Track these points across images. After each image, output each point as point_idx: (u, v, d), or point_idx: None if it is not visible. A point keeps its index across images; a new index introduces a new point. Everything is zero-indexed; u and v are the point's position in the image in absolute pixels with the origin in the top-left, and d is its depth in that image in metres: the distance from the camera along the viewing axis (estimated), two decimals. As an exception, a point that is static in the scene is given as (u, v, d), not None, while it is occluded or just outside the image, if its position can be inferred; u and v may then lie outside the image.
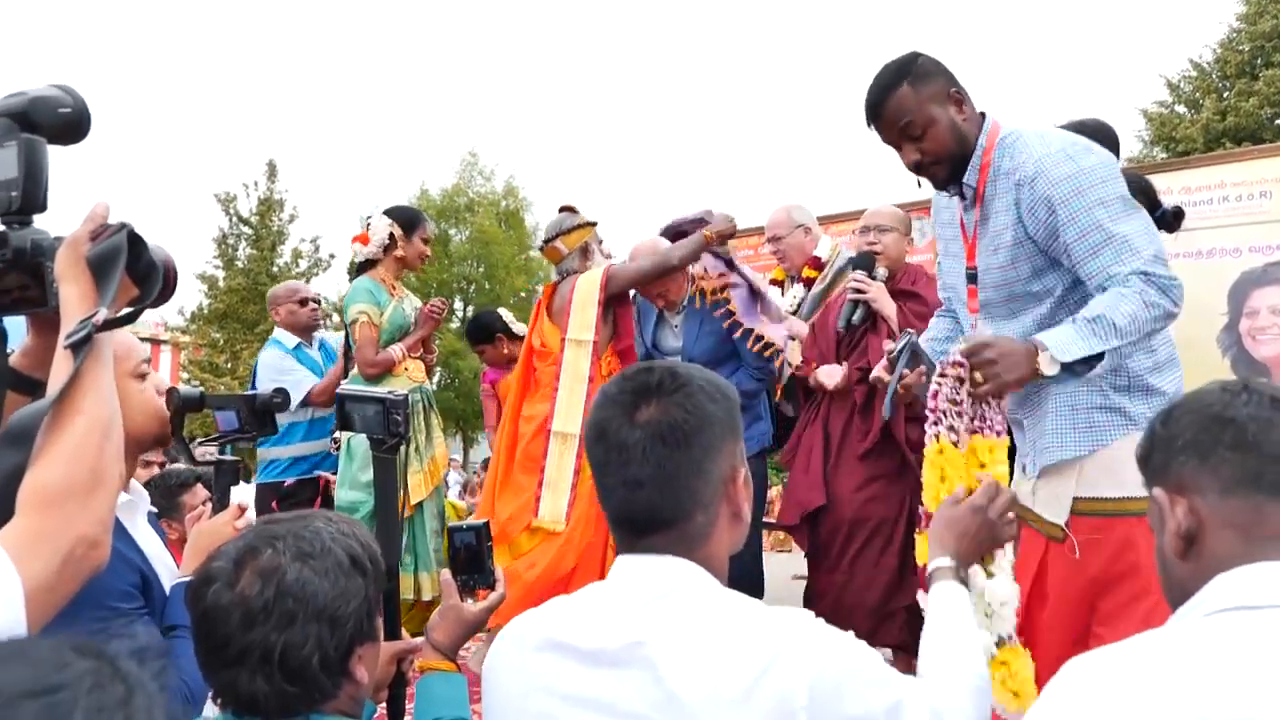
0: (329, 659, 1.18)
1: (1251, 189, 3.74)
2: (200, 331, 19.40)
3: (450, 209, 26.44)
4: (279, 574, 1.17)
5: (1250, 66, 17.07)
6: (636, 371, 1.22)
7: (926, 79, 2.10)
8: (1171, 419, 1.07)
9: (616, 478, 1.16)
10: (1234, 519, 1.00)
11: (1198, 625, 0.96)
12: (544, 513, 3.53)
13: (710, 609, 1.12)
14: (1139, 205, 2.03)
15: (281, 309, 4.38)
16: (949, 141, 2.09)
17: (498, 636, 1.27)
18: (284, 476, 4.12)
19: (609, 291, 3.64)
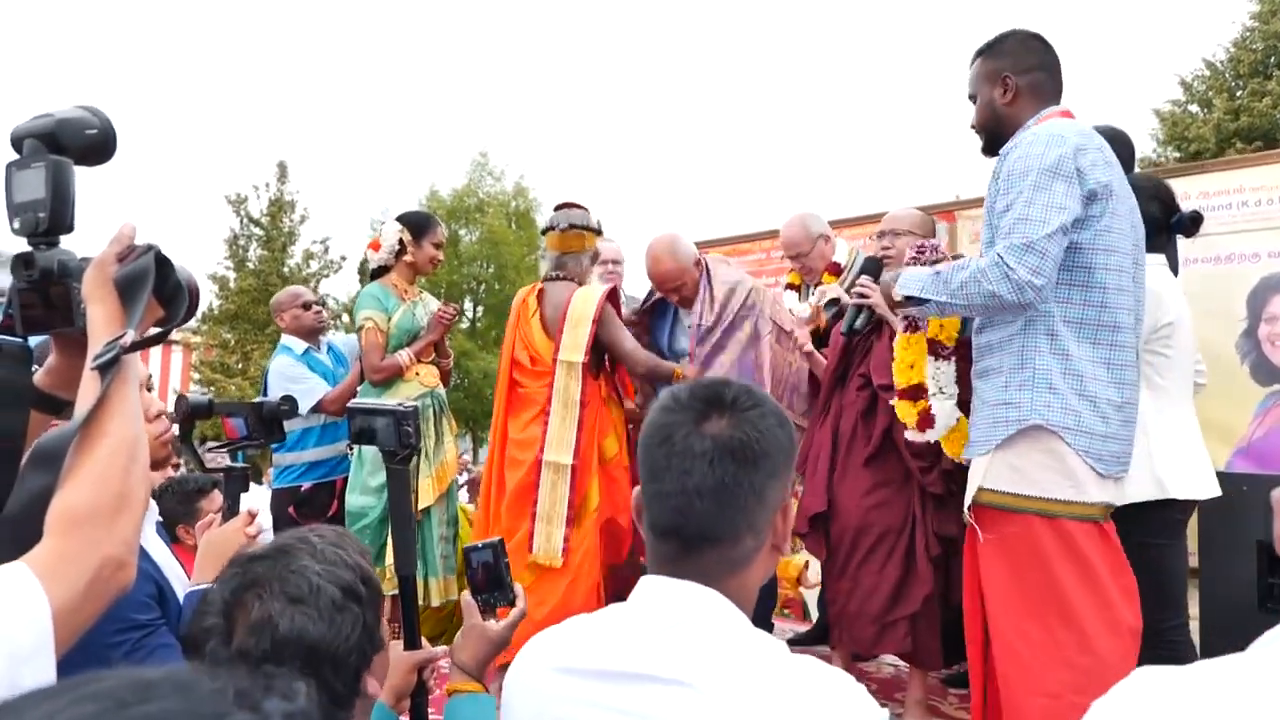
0: (337, 694, 1.18)
1: (1270, 193, 3.71)
2: (211, 332, 19.46)
3: (460, 209, 26.51)
4: (271, 626, 1.15)
5: (1263, 66, 16.95)
6: (710, 383, 1.19)
7: (996, 57, 2.36)
8: None
9: (676, 485, 1.12)
10: None
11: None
12: (538, 548, 3.38)
13: (743, 651, 1.08)
14: (1052, 186, 2.11)
15: (286, 314, 4.34)
16: (985, 116, 2.37)
17: (516, 658, 1.25)
18: (300, 481, 4.11)
19: (595, 327, 3.46)
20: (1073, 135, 2.16)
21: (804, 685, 1.03)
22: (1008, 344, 2.23)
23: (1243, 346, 3.70)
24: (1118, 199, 2.18)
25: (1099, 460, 2.14)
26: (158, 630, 1.72)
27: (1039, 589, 2.14)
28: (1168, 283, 2.67)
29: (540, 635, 1.24)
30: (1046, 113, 2.28)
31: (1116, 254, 2.17)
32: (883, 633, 3.16)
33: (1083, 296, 2.16)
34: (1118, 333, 2.17)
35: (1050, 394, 2.15)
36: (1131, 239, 2.23)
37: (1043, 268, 2.07)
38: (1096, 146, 2.18)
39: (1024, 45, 2.34)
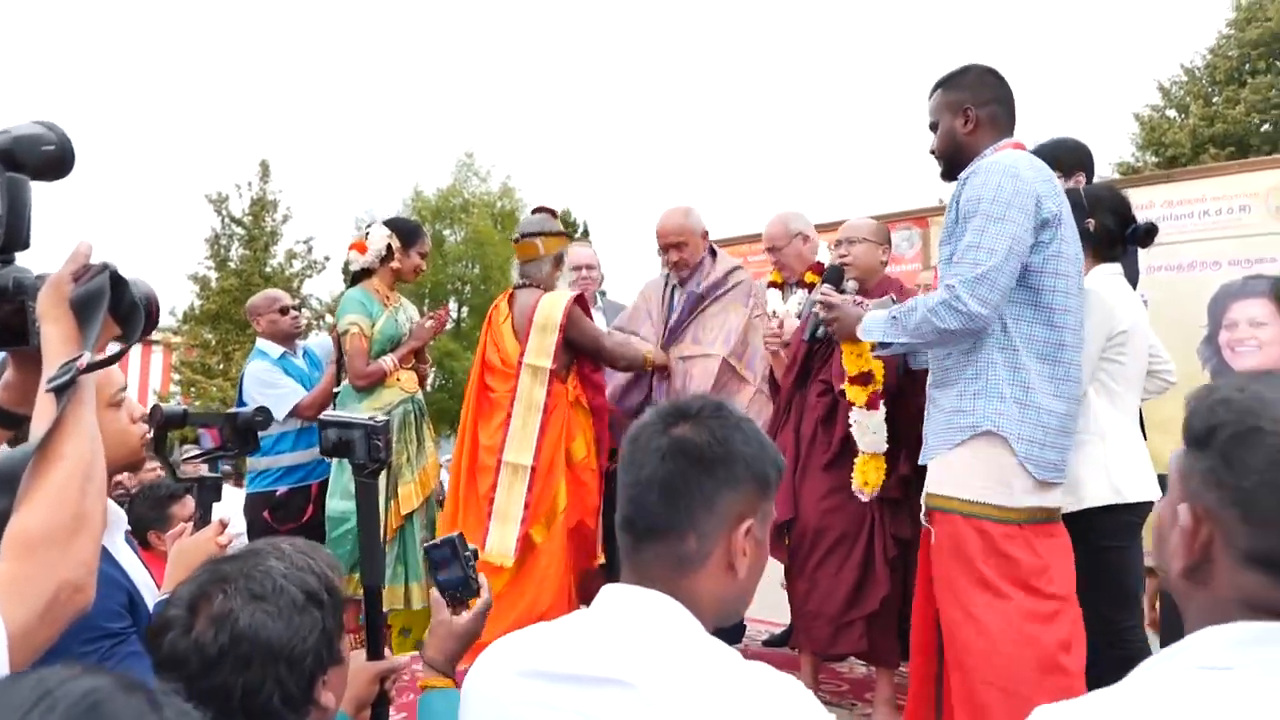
0: (290, 695, 1.20)
1: (1232, 203, 3.79)
2: (192, 332, 19.32)
3: (445, 210, 26.48)
4: (232, 619, 1.19)
5: (1238, 73, 17.18)
6: (688, 398, 1.27)
7: (958, 89, 2.50)
8: (1250, 444, 0.91)
9: (632, 477, 1.21)
10: (1247, 586, 0.92)
11: (1178, 681, 0.92)
12: (491, 546, 3.40)
13: (696, 654, 1.12)
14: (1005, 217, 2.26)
15: (263, 319, 4.33)
16: (946, 144, 2.52)
17: (475, 663, 1.28)
18: (276, 486, 4.11)
19: (567, 332, 3.54)
20: (1026, 169, 2.32)
21: (749, 689, 1.06)
22: (964, 357, 2.37)
23: (1204, 352, 3.75)
24: (1066, 226, 2.35)
25: (1037, 467, 2.29)
26: (128, 639, 1.73)
27: (969, 585, 2.29)
28: (1122, 292, 2.74)
29: (499, 641, 1.27)
30: (1002, 143, 2.44)
31: (1064, 277, 2.33)
32: (839, 633, 3.24)
33: (1033, 315, 2.32)
34: (1063, 350, 2.33)
35: (1000, 402, 2.29)
36: (1077, 265, 2.39)
37: (990, 297, 2.25)
38: (1047, 178, 2.35)
39: (982, 80, 2.50)
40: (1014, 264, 2.26)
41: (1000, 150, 2.41)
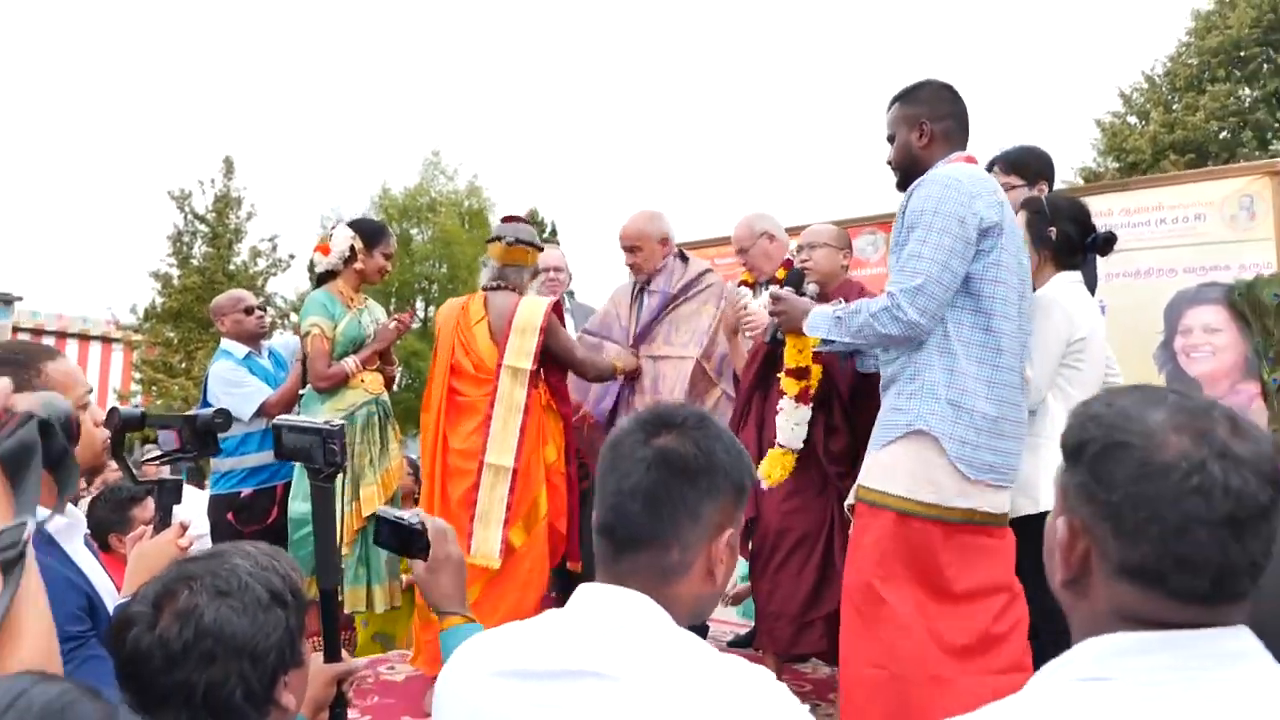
0: (253, 692, 1.21)
1: (1187, 211, 3.87)
2: (154, 330, 19.02)
3: (412, 208, 26.28)
4: (197, 614, 1.20)
5: (1198, 81, 17.49)
6: (669, 407, 1.28)
7: (913, 104, 2.60)
8: (1113, 458, 0.94)
9: (614, 486, 1.20)
10: (1121, 597, 0.94)
11: (1057, 693, 0.94)
12: (475, 549, 3.40)
13: (670, 648, 1.13)
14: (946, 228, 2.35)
15: (227, 319, 4.29)
16: (902, 156, 2.62)
17: (446, 666, 1.28)
18: (240, 487, 4.07)
19: (545, 336, 3.53)
20: (969, 181, 2.39)
21: (727, 681, 1.09)
22: (905, 358, 2.46)
23: (1160, 357, 3.86)
24: (1007, 236, 2.41)
25: (969, 466, 2.36)
26: (88, 642, 1.71)
27: (879, 573, 2.37)
28: (1082, 300, 2.80)
29: (470, 642, 1.27)
30: (953, 157, 2.52)
31: (1003, 285, 2.40)
32: (800, 632, 3.29)
33: (972, 319, 2.40)
34: (1000, 355, 2.40)
35: (934, 403, 2.37)
36: (1018, 273, 2.46)
37: (929, 306, 2.34)
38: (990, 190, 2.42)
39: (938, 95, 2.59)
40: (952, 274, 2.35)
41: (951, 163, 2.50)
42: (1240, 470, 0.89)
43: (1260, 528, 0.89)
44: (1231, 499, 0.88)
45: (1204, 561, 0.89)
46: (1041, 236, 2.83)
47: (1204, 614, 0.91)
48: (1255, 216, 3.71)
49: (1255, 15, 16.75)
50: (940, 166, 2.49)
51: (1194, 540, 0.88)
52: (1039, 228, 2.84)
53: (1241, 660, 0.90)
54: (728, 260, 5.56)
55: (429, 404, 3.73)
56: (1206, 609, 0.91)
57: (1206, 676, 0.89)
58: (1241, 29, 16.82)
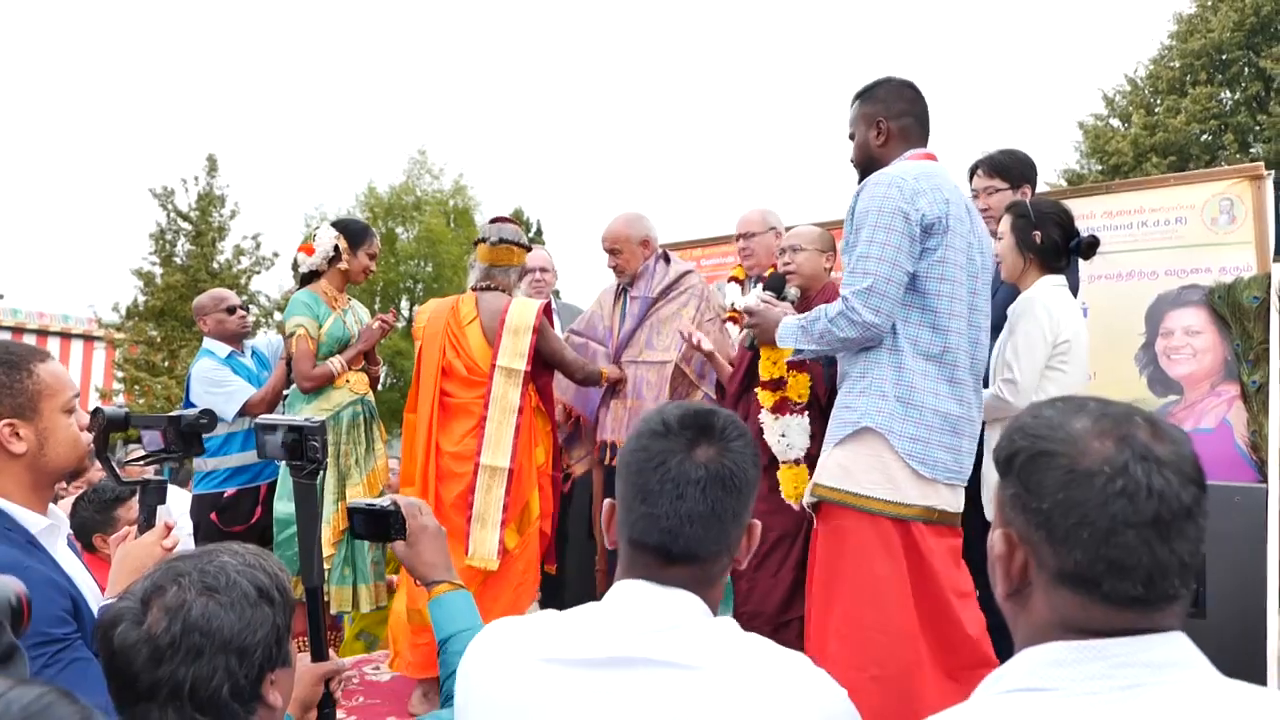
0: (239, 688, 1.22)
1: (1168, 215, 3.90)
2: (136, 329, 18.88)
3: (398, 207, 26.19)
4: (185, 609, 1.21)
5: (1179, 84, 17.63)
6: (698, 411, 1.26)
7: (871, 102, 2.60)
8: (1040, 466, 0.96)
9: (669, 509, 1.20)
10: (1059, 605, 0.95)
11: (992, 705, 0.96)
12: (473, 551, 3.39)
13: (726, 642, 1.18)
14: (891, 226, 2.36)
15: (209, 318, 4.27)
16: (859, 155, 2.65)
17: (480, 647, 1.28)
18: (224, 487, 4.06)
19: (536, 337, 3.52)
20: (912, 178, 2.39)
21: (783, 667, 1.15)
22: (854, 357, 2.49)
23: (1141, 359, 3.88)
24: (953, 233, 2.42)
25: (920, 464, 2.38)
26: (73, 644, 1.71)
27: (854, 574, 2.38)
28: (1066, 303, 2.83)
29: (503, 626, 1.29)
30: (910, 154, 2.53)
31: (949, 282, 2.42)
32: (776, 632, 3.30)
33: (919, 317, 2.42)
34: (948, 352, 2.42)
35: (881, 400, 2.40)
36: (967, 270, 2.46)
37: (883, 306, 2.36)
38: (934, 187, 2.41)
39: (896, 92, 2.59)
40: (902, 271, 2.36)
41: (905, 161, 2.50)
42: (1162, 471, 0.91)
43: (1186, 528, 0.91)
44: (1155, 500, 0.90)
45: (1135, 564, 0.90)
46: (1026, 240, 2.86)
47: (1140, 619, 0.92)
48: (1235, 220, 3.75)
49: (1237, 19, 16.91)
50: (894, 165, 2.50)
51: (1123, 543, 0.90)
52: (1024, 232, 2.86)
53: (1174, 669, 0.92)
54: (713, 261, 5.58)
55: (415, 405, 3.71)
56: (1142, 613, 0.92)
57: (1139, 685, 0.90)
58: (1223, 32, 16.98)
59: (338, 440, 3.82)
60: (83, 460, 1.90)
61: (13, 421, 1.75)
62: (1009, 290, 2.98)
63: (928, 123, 2.61)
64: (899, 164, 2.48)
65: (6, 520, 1.74)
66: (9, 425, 1.75)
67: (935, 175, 2.46)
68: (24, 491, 1.77)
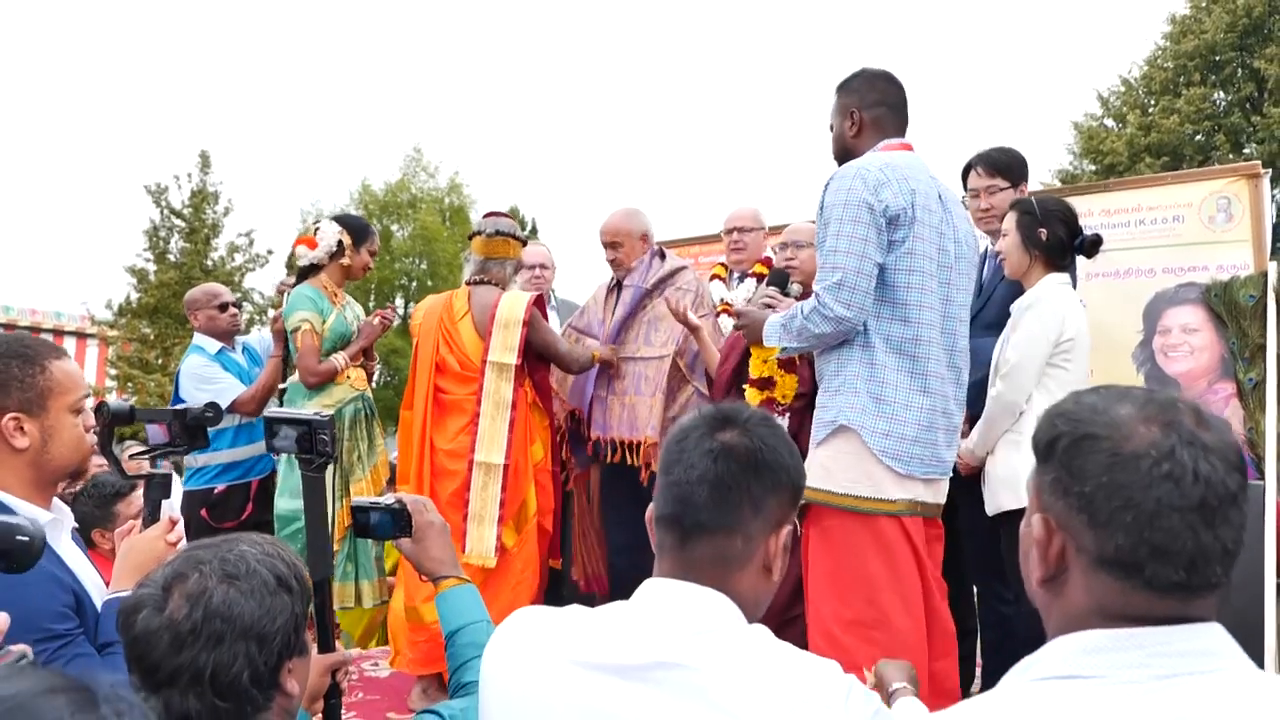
0: (259, 674, 1.23)
1: (1166, 213, 3.92)
2: (130, 326, 18.83)
3: (393, 205, 26.19)
4: (206, 596, 1.22)
5: (1173, 84, 17.67)
6: (732, 406, 1.31)
7: (846, 92, 2.61)
8: (1084, 450, 0.95)
9: (680, 476, 1.24)
10: (1098, 590, 0.94)
11: (1025, 692, 0.95)
12: (471, 549, 3.38)
13: (757, 649, 1.16)
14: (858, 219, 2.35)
15: (200, 314, 4.26)
16: (835, 145, 2.64)
17: (505, 642, 1.28)
18: (215, 483, 4.05)
19: (526, 330, 3.50)
20: (878, 169, 2.38)
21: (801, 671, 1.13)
22: (830, 355, 2.49)
23: (1139, 357, 3.90)
24: (920, 223, 2.39)
25: (896, 460, 2.37)
26: (75, 640, 1.71)
27: (850, 573, 2.37)
28: (1072, 301, 2.83)
29: (529, 620, 1.29)
30: (884, 144, 2.53)
31: (918, 274, 2.40)
32: (783, 628, 3.28)
33: (890, 312, 2.40)
34: (919, 345, 2.41)
35: (854, 397, 2.39)
36: (937, 260, 2.44)
37: (854, 299, 2.35)
38: (899, 177, 2.39)
39: (871, 83, 2.59)
40: (871, 263, 2.35)
41: (878, 152, 2.50)
42: (1209, 457, 0.91)
43: (1230, 513, 0.91)
44: (1201, 485, 0.90)
45: (1179, 549, 0.90)
46: (1032, 237, 2.85)
47: (1180, 606, 0.92)
48: (1232, 218, 3.77)
49: (1230, 20, 16.95)
50: (864, 156, 2.49)
51: (1168, 527, 0.90)
52: (1029, 228, 2.86)
53: (1211, 659, 0.91)
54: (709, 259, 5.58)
55: (410, 402, 3.71)
56: (1182, 600, 0.92)
57: (1177, 675, 0.90)
58: (1216, 34, 17.02)
59: (341, 437, 3.82)
60: (86, 461, 1.90)
61: (18, 416, 1.75)
62: (1011, 287, 2.99)
63: (904, 112, 2.60)
64: (868, 155, 2.48)
65: (7, 514, 1.72)
66: (14, 419, 1.75)
67: (902, 165, 2.44)
68: (26, 487, 1.77)
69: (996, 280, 3.20)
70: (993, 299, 3.21)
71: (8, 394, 1.74)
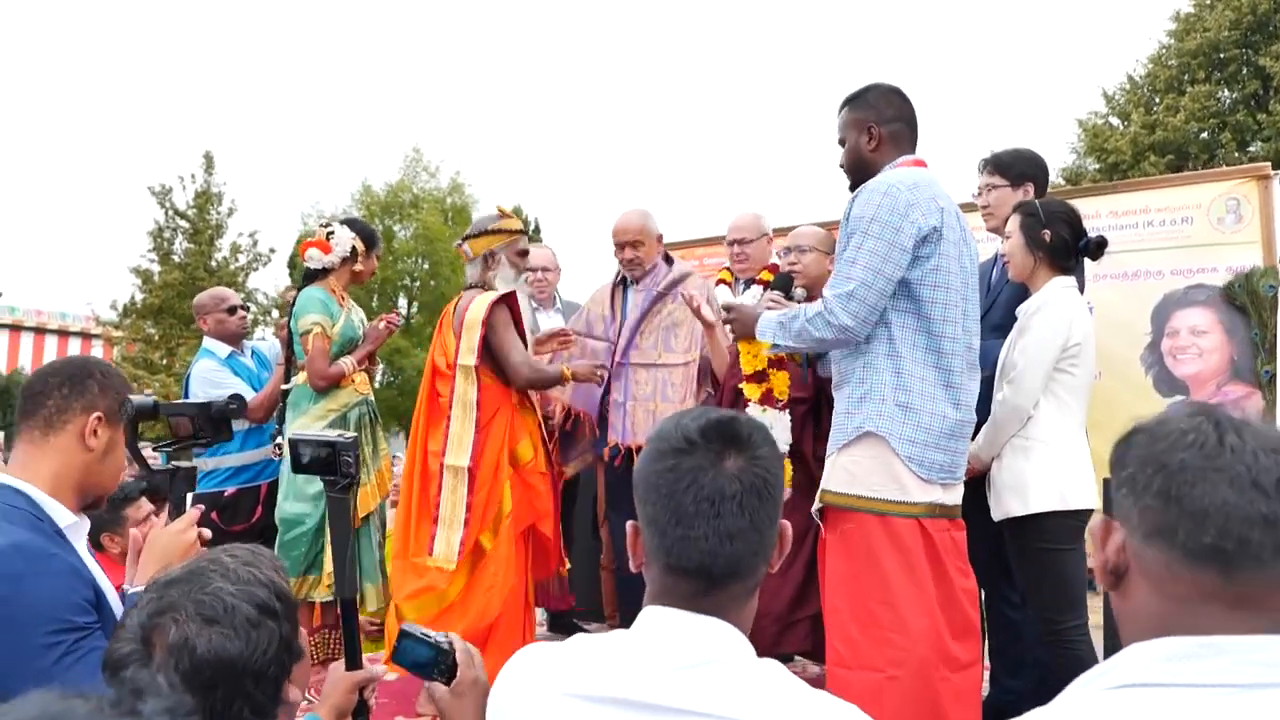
0: (259, 706, 1.21)
1: (1175, 214, 3.91)
2: (134, 326, 18.87)
3: (394, 205, 26.15)
4: (189, 647, 1.18)
5: (1178, 83, 17.62)
6: (719, 420, 1.20)
7: (861, 108, 2.61)
8: (1130, 442, 1.00)
9: (708, 528, 1.14)
10: (1149, 569, 0.95)
11: (1101, 701, 0.94)
12: (438, 551, 3.37)
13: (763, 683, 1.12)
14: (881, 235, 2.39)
15: (209, 318, 4.27)
16: (851, 160, 2.66)
17: (507, 677, 1.24)
18: (224, 486, 4.06)
19: (484, 330, 3.43)
20: (907, 189, 2.42)
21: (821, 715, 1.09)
22: (853, 362, 2.51)
23: (1147, 359, 3.89)
24: (946, 241, 2.45)
25: (920, 466, 2.41)
26: (93, 634, 1.71)
27: (868, 577, 2.39)
28: (1078, 306, 2.82)
29: (532, 656, 1.24)
30: (901, 161, 2.56)
31: (942, 289, 2.45)
32: (784, 632, 3.32)
33: (916, 324, 2.44)
34: (941, 357, 2.45)
35: (881, 405, 2.43)
36: (960, 276, 2.49)
37: (861, 311, 2.40)
38: (928, 197, 2.44)
39: (886, 98, 2.62)
40: (886, 279, 2.40)
41: (897, 168, 2.53)
42: (1240, 433, 0.93)
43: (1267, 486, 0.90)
44: (1226, 451, 0.92)
45: (1205, 508, 0.90)
46: (1035, 239, 2.85)
47: (1220, 581, 0.90)
48: (1242, 219, 3.75)
49: (1234, 17, 16.91)
50: (886, 171, 2.52)
51: (1191, 482, 0.91)
52: (1033, 230, 2.85)
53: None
54: (713, 261, 5.58)
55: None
56: (1223, 573, 0.90)
57: (1262, 684, 0.89)
58: (1220, 31, 16.97)
59: (347, 441, 3.81)
60: (110, 491, 1.98)
61: (102, 417, 1.84)
62: (1017, 289, 2.97)
63: (917, 128, 2.64)
64: (892, 171, 2.51)
65: (37, 510, 1.76)
66: (99, 418, 1.84)
67: (928, 185, 2.49)
68: (64, 488, 1.82)
69: (1003, 282, 3.19)
70: (999, 301, 3.20)
71: (105, 395, 1.86)
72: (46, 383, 1.84)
